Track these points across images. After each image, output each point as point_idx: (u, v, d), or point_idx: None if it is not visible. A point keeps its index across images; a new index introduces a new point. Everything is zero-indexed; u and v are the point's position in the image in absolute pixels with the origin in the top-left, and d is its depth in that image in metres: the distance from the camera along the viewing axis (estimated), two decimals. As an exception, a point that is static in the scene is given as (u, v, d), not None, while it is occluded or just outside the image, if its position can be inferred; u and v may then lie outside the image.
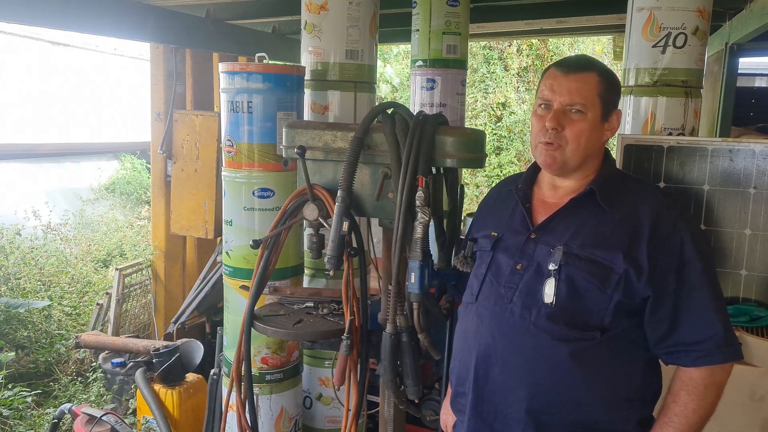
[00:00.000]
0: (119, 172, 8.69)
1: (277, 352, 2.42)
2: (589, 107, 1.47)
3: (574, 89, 1.47)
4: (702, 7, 2.35)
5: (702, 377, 1.42)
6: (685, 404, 1.42)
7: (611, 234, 1.45)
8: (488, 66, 10.58)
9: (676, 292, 1.42)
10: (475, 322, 1.57)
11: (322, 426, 2.78)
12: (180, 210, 4.10)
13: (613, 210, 1.47)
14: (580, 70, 1.49)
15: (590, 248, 1.44)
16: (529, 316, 1.46)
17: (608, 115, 1.50)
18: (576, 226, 1.48)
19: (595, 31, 6.70)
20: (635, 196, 1.49)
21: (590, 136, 1.48)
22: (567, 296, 1.44)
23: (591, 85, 1.48)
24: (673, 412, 1.43)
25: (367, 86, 2.62)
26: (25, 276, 5.33)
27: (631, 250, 1.42)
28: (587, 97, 1.47)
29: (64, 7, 2.99)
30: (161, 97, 4.15)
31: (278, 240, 1.94)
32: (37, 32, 7.80)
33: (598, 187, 1.49)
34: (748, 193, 2.18)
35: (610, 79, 1.51)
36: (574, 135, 1.48)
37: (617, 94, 1.53)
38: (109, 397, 3.60)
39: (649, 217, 1.44)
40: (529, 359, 1.46)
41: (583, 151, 1.49)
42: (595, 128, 1.49)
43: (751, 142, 2.19)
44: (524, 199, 1.60)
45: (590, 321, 1.43)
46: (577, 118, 1.47)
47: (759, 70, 7.29)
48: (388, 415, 1.89)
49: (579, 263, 1.43)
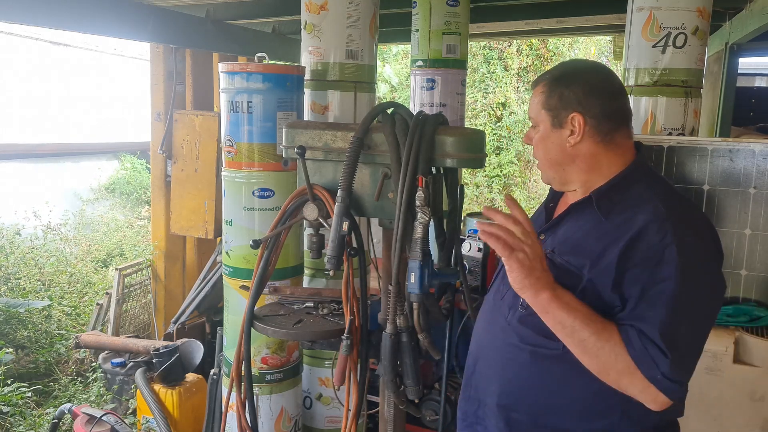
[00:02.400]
0: (119, 172, 8.69)
1: (277, 352, 2.42)
2: (539, 121, 1.47)
3: (530, 104, 1.50)
4: (702, 7, 2.35)
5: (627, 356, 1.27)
6: (596, 326, 1.29)
7: (594, 242, 1.38)
8: (488, 66, 10.58)
9: (634, 305, 1.30)
10: (480, 313, 1.62)
11: (322, 426, 2.78)
12: (180, 210, 4.10)
13: (609, 218, 1.39)
14: (534, 85, 1.50)
15: (567, 255, 1.40)
16: (507, 315, 1.48)
17: (561, 120, 1.42)
18: (570, 232, 1.45)
19: (595, 31, 6.70)
20: (639, 204, 1.38)
21: (545, 148, 1.46)
22: None
23: (536, 98, 1.47)
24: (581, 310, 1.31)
25: (367, 86, 2.62)
26: (25, 276, 5.33)
27: (601, 259, 1.34)
28: (534, 111, 1.47)
29: (64, 7, 2.99)
30: (161, 97, 4.15)
31: (278, 240, 1.94)
32: (37, 32, 7.80)
33: (598, 194, 1.43)
34: (748, 193, 2.18)
35: (558, 85, 1.43)
36: (535, 149, 1.50)
37: (570, 96, 1.41)
38: (109, 397, 3.60)
39: (637, 225, 1.33)
40: (501, 357, 1.47)
41: (548, 164, 1.48)
42: (548, 138, 1.45)
43: (751, 142, 2.19)
44: (550, 199, 1.59)
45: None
46: (534, 133, 1.49)
47: (759, 70, 7.29)
48: (388, 415, 1.89)
49: (553, 269, 1.37)
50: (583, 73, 1.47)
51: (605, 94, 1.43)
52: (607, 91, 1.44)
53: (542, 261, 1.33)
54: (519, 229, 1.31)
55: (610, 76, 1.48)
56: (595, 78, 1.45)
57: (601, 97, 1.42)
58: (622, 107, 1.46)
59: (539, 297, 1.31)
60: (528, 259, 1.30)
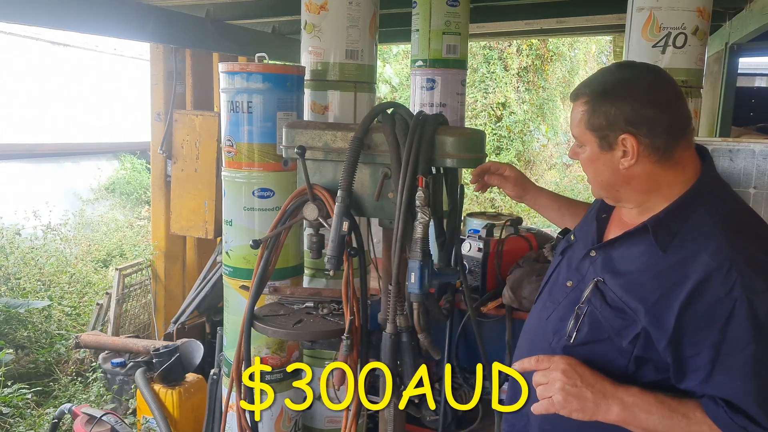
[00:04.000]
0: (119, 172, 8.69)
1: (277, 352, 2.42)
2: (584, 141, 1.31)
3: (571, 121, 1.34)
4: (702, 7, 2.35)
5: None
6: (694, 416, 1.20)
7: (650, 281, 1.23)
8: (488, 66, 10.59)
9: (709, 373, 1.18)
10: (525, 325, 1.53)
11: (322, 426, 2.78)
12: (180, 210, 4.10)
13: (667, 253, 1.23)
14: (574, 99, 1.32)
15: (621, 291, 1.26)
16: (551, 340, 1.36)
17: (610, 143, 1.26)
18: (626, 261, 1.30)
19: (595, 31, 6.71)
20: (703, 242, 1.20)
21: (596, 170, 1.31)
22: (587, 336, 1.29)
23: (577, 115, 1.30)
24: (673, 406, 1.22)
25: (367, 86, 2.61)
26: (25, 276, 5.33)
27: (658, 307, 1.20)
28: (578, 131, 1.31)
29: (64, 7, 2.99)
30: (161, 97, 4.15)
31: (278, 240, 1.94)
32: (37, 32, 7.80)
33: (656, 223, 1.26)
34: (748, 193, 2.18)
35: (602, 102, 1.25)
36: (583, 168, 1.35)
37: (617, 115, 1.24)
38: (109, 397, 3.60)
39: (699, 272, 1.17)
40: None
41: (600, 185, 1.33)
42: (599, 161, 1.29)
43: (751, 142, 2.19)
44: (602, 208, 1.43)
45: (611, 367, 1.26)
46: (580, 151, 1.33)
47: (759, 70, 7.30)
48: (388, 415, 1.89)
49: (604, 305, 1.27)
50: (628, 83, 1.26)
51: (658, 105, 1.24)
52: (659, 101, 1.24)
53: (578, 372, 1.23)
54: (540, 373, 1.25)
55: (661, 79, 1.29)
56: (643, 87, 1.25)
57: (654, 109, 1.23)
58: (680, 115, 1.27)
59: (610, 416, 1.22)
60: (568, 387, 1.22)
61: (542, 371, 1.27)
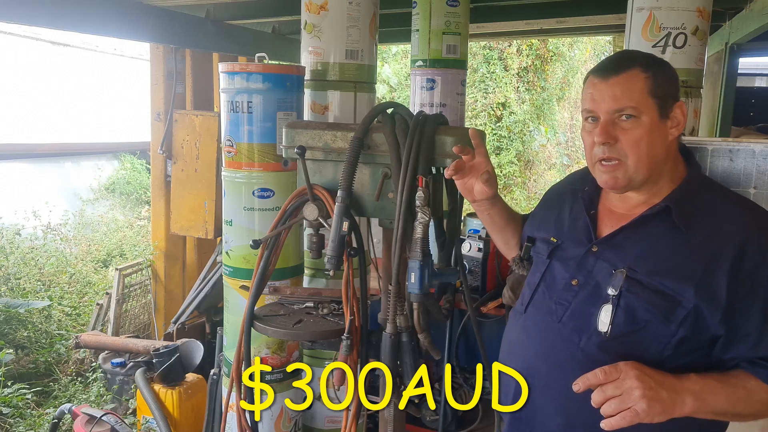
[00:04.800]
0: (119, 172, 8.70)
1: (277, 352, 2.42)
2: (641, 110, 1.28)
3: (618, 93, 1.28)
4: (702, 7, 2.35)
5: None
6: (747, 385, 1.24)
7: (685, 260, 1.25)
8: (488, 66, 10.58)
9: (761, 326, 1.23)
10: (519, 335, 1.47)
11: (322, 426, 2.77)
12: (180, 210, 4.10)
13: (690, 230, 1.26)
14: (620, 70, 1.30)
15: (658, 275, 1.26)
16: (578, 341, 1.32)
17: (667, 111, 1.29)
18: (645, 246, 1.30)
19: (595, 31, 6.70)
20: (721, 215, 1.27)
21: (652, 142, 1.28)
22: (625, 327, 1.28)
23: (638, 84, 1.28)
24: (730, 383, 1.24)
25: (367, 86, 2.61)
26: (25, 276, 5.33)
27: (706, 282, 1.22)
28: (636, 98, 1.28)
29: (64, 7, 2.99)
30: (161, 97, 4.15)
31: (278, 240, 1.94)
32: (37, 32, 7.80)
33: (675, 202, 1.29)
34: (748, 193, 2.18)
35: (660, 70, 1.30)
36: (631, 145, 1.28)
37: (672, 83, 1.31)
38: (109, 397, 3.60)
39: (734, 242, 1.22)
40: (571, 387, 1.27)
41: (647, 162, 1.29)
42: (656, 130, 1.28)
43: (751, 142, 2.19)
44: (590, 205, 1.44)
45: (646, 355, 1.26)
46: (631, 126, 1.28)
47: (759, 70, 7.29)
48: (388, 415, 1.89)
49: (642, 292, 1.26)
50: (660, 59, 1.36)
51: (678, 82, 1.35)
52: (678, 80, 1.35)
53: (647, 374, 1.21)
54: (612, 386, 1.20)
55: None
56: (670, 65, 1.36)
57: (679, 87, 1.34)
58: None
59: (685, 409, 1.21)
60: (648, 392, 1.18)
61: (613, 383, 1.21)
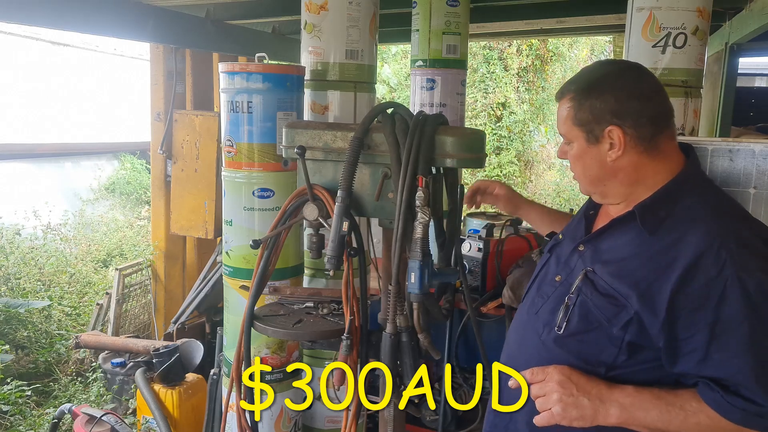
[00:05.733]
0: (119, 172, 8.70)
1: (277, 352, 2.42)
2: (569, 137, 1.35)
3: (557, 119, 1.38)
4: (702, 7, 2.35)
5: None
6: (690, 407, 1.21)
7: (639, 266, 1.26)
8: (488, 66, 10.59)
9: (705, 354, 1.19)
10: (512, 323, 1.54)
11: (322, 426, 2.78)
12: (180, 210, 4.10)
13: (656, 236, 1.26)
14: (559, 97, 1.37)
15: (611, 278, 1.28)
16: (541, 333, 1.38)
17: (596, 136, 1.30)
18: (614, 249, 1.33)
19: (595, 31, 6.71)
20: (688, 223, 1.25)
21: (585, 165, 1.35)
22: (577, 326, 1.31)
23: (564, 112, 1.34)
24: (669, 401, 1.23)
25: (366, 86, 2.62)
26: (25, 276, 5.33)
27: (650, 291, 1.22)
28: (563, 127, 1.36)
29: (64, 7, 2.99)
30: (161, 97, 4.15)
31: (278, 240, 1.94)
32: (37, 32, 7.81)
33: (641, 208, 1.30)
34: (748, 193, 2.18)
35: (590, 94, 1.30)
36: (571, 165, 1.39)
37: (602, 107, 1.28)
38: (109, 397, 3.60)
39: (689, 254, 1.19)
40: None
41: (586, 180, 1.37)
42: (586, 155, 1.33)
43: (751, 142, 2.19)
44: (590, 206, 1.48)
45: (600, 356, 1.29)
46: (569, 149, 1.38)
47: (759, 70, 7.29)
48: (388, 415, 1.89)
49: (593, 293, 1.29)
50: (611, 78, 1.32)
51: (641, 97, 1.29)
52: (642, 93, 1.30)
53: (573, 380, 1.26)
54: (537, 386, 1.28)
55: (642, 73, 1.34)
56: (626, 81, 1.31)
57: (637, 101, 1.29)
58: (663, 107, 1.32)
59: (609, 419, 1.23)
60: (565, 398, 1.24)
61: (538, 384, 1.29)
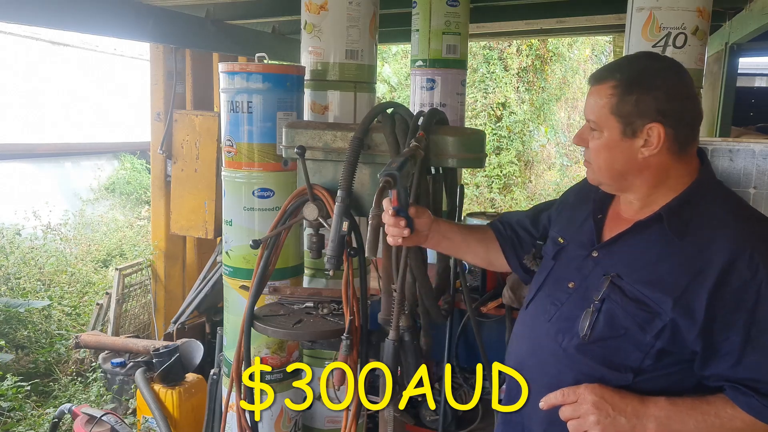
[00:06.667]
0: (119, 172, 8.69)
1: (277, 352, 2.42)
2: (601, 125, 1.29)
3: (591, 104, 1.31)
4: (702, 7, 2.35)
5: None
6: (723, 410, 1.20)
7: (669, 272, 1.23)
8: (488, 66, 10.58)
9: (739, 358, 1.19)
10: (519, 330, 1.51)
11: (322, 426, 2.78)
12: (180, 210, 4.10)
13: (684, 240, 1.24)
14: (598, 81, 1.30)
15: (640, 284, 1.26)
16: (561, 340, 1.35)
17: (634, 130, 1.25)
18: (638, 254, 1.30)
19: (595, 31, 6.71)
20: (715, 227, 1.23)
21: (611, 157, 1.30)
22: (603, 332, 1.29)
23: (603, 99, 1.28)
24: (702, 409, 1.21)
25: (366, 86, 2.62)
26: (25, 276, 5.33)
27: (686, 297, 1.20)
28: (597, 114, 1.29)
29: (64, 7, 2.99)
30: (161, 97, 4.15)
31: (278, 240, 1.95)
32: (37, 32, 7.80)
33: (668, 211, 1.27)
34: (748, 193, 2.18)
35: (636, 88, 1.25)
36: (593, 153, 1.32)
37: (648, 104, 1.24)
38: (109, 397, 3.60)
39: (722, 258, 1.19)
40: (552, 384, 1.33)
41: (608, 173, 1.32)
42: (616, 148, 1.28)
43: (751, 142, 2.19)
44: (597, 209, 1.43)
45: (626, 362, 1.27)
46: (594, 137, 1.31)
47: (759, 70, 7.29)
48: (388, 415, 1.89)
49: (623, 299, 1.26)
50: (662, 73, 1.27)
51: (686, 97, 1.26)
52: (688, 93, 1.26)
53: (607, 400, 1.23)
54: (570, 408, 1.24)
55: (686, 73, 1.30)
56: (674, 79, 1.27)
57: (683, 101, 1.25)
58: (699, 110, 1.31)
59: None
60: (603, 419, 1.22)
61: (571, 405, 1.26)
